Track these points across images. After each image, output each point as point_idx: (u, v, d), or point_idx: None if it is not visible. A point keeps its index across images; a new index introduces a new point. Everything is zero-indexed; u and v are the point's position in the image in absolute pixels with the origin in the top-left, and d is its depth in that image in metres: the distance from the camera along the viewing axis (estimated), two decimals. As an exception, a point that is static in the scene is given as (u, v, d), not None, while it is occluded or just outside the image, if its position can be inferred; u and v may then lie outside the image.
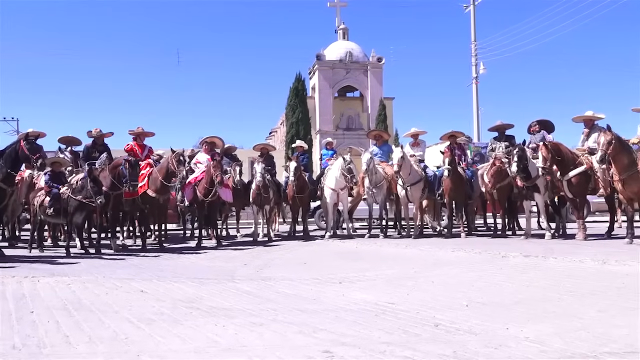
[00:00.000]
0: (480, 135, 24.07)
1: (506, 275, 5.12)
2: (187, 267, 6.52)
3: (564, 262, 5.90)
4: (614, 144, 7.44)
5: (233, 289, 4.66)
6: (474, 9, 26.22)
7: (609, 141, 7.44)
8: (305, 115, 29.79)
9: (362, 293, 4.31)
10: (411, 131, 11.22)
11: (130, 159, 8.37)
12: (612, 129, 7.56)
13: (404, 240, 9.60)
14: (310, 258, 7.24)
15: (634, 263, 5.44)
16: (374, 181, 10.09)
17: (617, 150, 7.52)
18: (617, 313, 3.32)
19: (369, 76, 33.33)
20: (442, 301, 3.88)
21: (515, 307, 3.60)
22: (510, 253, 6.70)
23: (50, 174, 8.28)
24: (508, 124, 10.71)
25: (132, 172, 8.19)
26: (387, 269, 5.79)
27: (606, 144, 7.44)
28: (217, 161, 9.19)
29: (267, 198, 10.29)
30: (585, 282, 4.56)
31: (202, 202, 9.30)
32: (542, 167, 8.32)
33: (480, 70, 25.86)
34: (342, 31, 34.92)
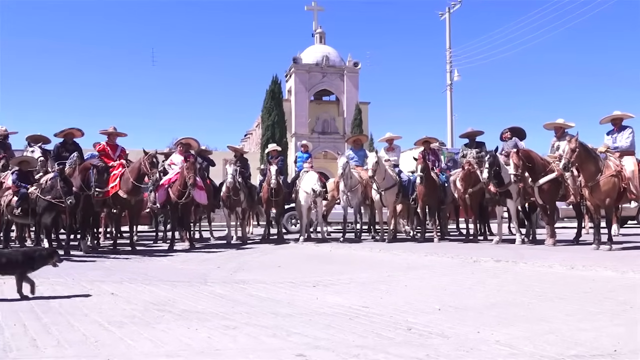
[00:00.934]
0: (453, 141, 24.42)
1: (478, 279, 5.19)
2: (159, 269, 6.43)
3: (534, 267, 6.02)
4: (578, 152, 7.64)
5: (206, 292, 4.62)
6: (449, 17, 26.65)
7: (572, 149, 7.64)
8: (281, 118, 29.77)
9: (336, 297, 4.32)
10: (386, 136, 11.33)
11: (99, 165, 8.14)
12: (578, 138, 7.78)
13: (378, 244, 9.67)
14: (284, 261, 7.22)
15: (600, 268, 5.59)
16: (349, 185, 10.14)
17: (582, 159, 7.72)
18: (584, 317, 3.40)
19: (345, 80, 33.50)
20: (415, 305, 3.91)
21: (487, 311, 3.66)
22: (482, 258, 6.81)
23: (17, 173, 8.08)
24: (479, 130, 10.91)
25: (98, 178, 7.99)
26: (361, 273, 5.82)
27: (570, 151, 7.65)
28: (191, 163, 9.10)
29: (238, 200, 10.23)
30: (554, 286, 4.66)
31: (176, 203, 9.19)
32: (513, 174, 8.49)
33: (454, 77, 26.27)
34: (319, 35, 35.05)
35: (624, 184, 7.80)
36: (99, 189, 7.98)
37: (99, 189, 7.99)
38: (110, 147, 9.74)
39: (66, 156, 9.19)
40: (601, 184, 7.74)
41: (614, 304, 3.78)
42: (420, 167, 9.61)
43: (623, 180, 7.80)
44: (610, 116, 8.64)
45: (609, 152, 8.24)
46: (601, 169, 7.79)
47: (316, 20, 35.36)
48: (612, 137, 8.55)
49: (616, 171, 7.78)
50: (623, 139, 8.40)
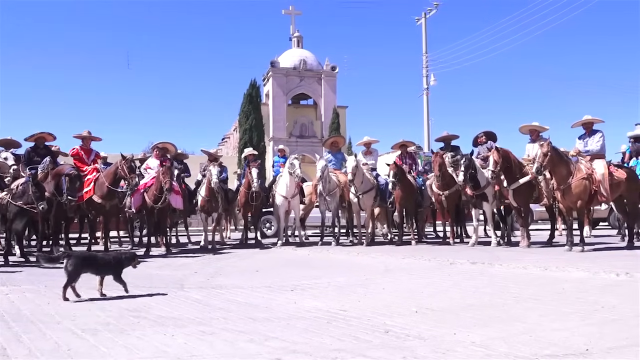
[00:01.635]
0: (430, 144, 24.66)
1: (454, 281, 5.25)
2: (135, 275, 6.30)
3: (509, 268, 6.11)
4: (550, 156, 7.80)
5: (182, 298, 4.57)
6: (426, 22, 26.95)
7: (545, 153, 7.81)
8: (258, 121, 29.71)
9: (313, 300, 4.32)
10: (364, 140, 11.38)
11: (72, 173, 7.96)
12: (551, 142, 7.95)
13: (355, 248, 9.70)
14: (261, 266, 7.19)
15: (572, 269, 5.71)
16: (327, 189, 10.15)
17: (554, 162, 7.88)
18: (557, 317, 3.47)
19: (322, 84, 33.62)
20: (392, 307, 3.93)
21: (463, 313, 3.70)
22: (458, 260, 6.88)
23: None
24: (453, 134, 11.05)
25: (70, 186, 7.82)
26: (339, 277, 5.83)
27: (542, 155, 7.81)
28: (167, 167, 9.01)
29: (217, 204, 10.14)
30: (528, 287, 4.74)
31: (152, 208, 9.08)
32: (492, 171, 8.58)
33: (431, 81, 26.54)
34: (296, 39, 35.11)
35: (595, 186, 7.97)
36: (70, 197, 7.81)
37: (71, 197, 7.82)
38: (84, 152, 9.58)
39: (38, 160, 9.00)
40: (573, 186, 7.91)
41: (586, 304, 3.86)
42: (392, 173, 9.68)
43: (594, 183, 7.97)
44: (581, 121, 8.84)
45: (580, 155, 8.43)
46: (572, 172, 7.96)
47: (294, 24, 35.47)
48: (583, 141, 8.74)
49: (587, 174, 7.95)
50: (594, 143, 8.59)
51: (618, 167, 8.70)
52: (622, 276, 5.13)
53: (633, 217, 9.02)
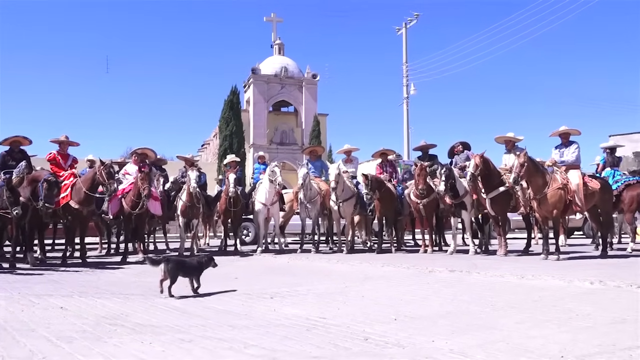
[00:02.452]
0: (409, 153, 24.87)
1: (433, 289, 5.29)
2: (112, 282, 6.25)
3: (486, 276, 6.18)
4: (527, 166, 7.95)
5: (160, 305, 4.51)
6: (406, 32, 27.24)
7: (521, 163, 7.95)
8: (239, 128, 29.60)
9: (293, 308, 4.31)
10: (344, 148, 11.44)
11: (50, 179, 7.80)
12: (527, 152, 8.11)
13: (335, 256, 9.71)
14: (241, 273, 7.14)
15: (548, 278, 5.80)
16: (308, 196, 10.15)
17: (530, 172, 8.03)
18: (533, 325, 3.52)
19: (303, 92, 33.68)
20: (371, 315, 3.95)
21: (441, 320, 3.73)
22: (437, 268, 6.94)
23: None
24: (431, 144, 11.18)
25: (48, 193, 7.64)
26: (319, 284, 5.83)
27: (519, 166, 7.96)
28: (146, 173, 8.91)
29: (198, 210, 10.05)
30: (505, 295, 4.80)
31: (129, 214, 8.97)
32: (471, 173, 8.65)
33: (410, 90, 26.80)
34: (277, 46, 35.14)
35: (570, 196, 8.14)
36: (47, 204, 7.62)
37: (48, 204, 7.63)
38: (61, 157, 9.42)
39: (13, 165, 8.80)
40: (548, 196, 8.06)
41: (561, 312, 3.93)
42: (365, 185, 9.73)
43: (569, 193, 8.14)
44: (558, 131, 9.02)
45: (556, 165, 8.59)
46: (548, 182, 8.12)
47: (275, 31, 35.49)
48: (559, 152, 8.91)
49: (562, 184, 8.11)
50: (569, 154, 8.77)
51: (592, 178, 8.90)
52: (596, 284, 5.24)
53: (606, 226, 9.22)
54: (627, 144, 28.78)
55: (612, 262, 7.74)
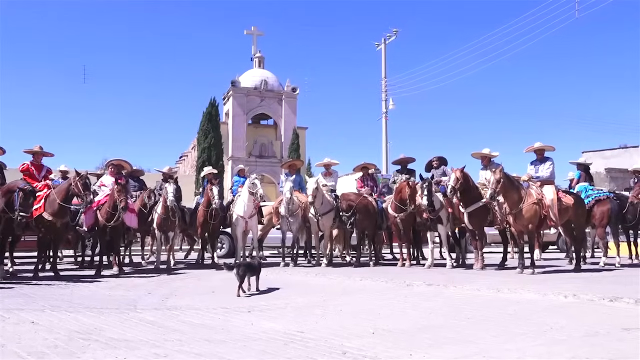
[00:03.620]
0: (388, 167, 25.05)
1: (410, 303, 5.31)
2: (85, 296, 6.12)
3: (463, 290, 6.23)
4: (503, 182, 8.09)
5: (135, 319, 4.44)
6: (385, 48, 27.57)
7: (497, 180, 8.10)
8: (217, 140, 29.47)
9: (271, 322, 4.28)
10: (324, 161, 11.46)
11: (26, 188, 7.64)
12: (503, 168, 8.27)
13: (313, 269, 9.68)
14: (218, 286, 7.07)
15: (523, 291, 5.88)
16: (290, 210, 10.13)
17: (506, 188, 8.17)
18: (509, 338, 3.56)
19: (283, 105, 33.77)
20: (349, 329, 3.94)
21: (419, 334, 3.75)
22: (414, 282, 6.97)
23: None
24: (410, 157, 11.27)
25: (24, 202, 7.47)
26: (297, 298, 5.80)
27: (495, 182, 8.10)
28: (122, 185, 8.79)
29: (174, 223, 9.94)
30: (482, 309, 4.85)
31: (104, 227, 8.82)
32: (452, 186, 8.75)
33: (389, 105, 27.04)
34: (258, 59, 35.25)
35: (545, 211, 8.28)
36: (23, 214, 7.46)
37: (23, 214, 7.47)
38: (35, 167, 9.22)
39: (-16, 176, 8.61)
40: (524, 211, 8.19)
41: (536, 325, 3.98)
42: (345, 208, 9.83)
43: (544, 208, 8.28)
44: (533, 147, 9.20)
45: (531, 181, 8.75)
46: (524, 197, 8.25)
47: (255, 44, 35.62)
48: (534, 167, 9.09)
49: (537, 199, 8.26)
50: (544, 169, 8.94)
51: (566, 193, 9.08)
52: (570, 298, 5.33)
53: (580, 240, 9.40)
54: (599, 161, 29.54)
55: (585, 276, 7.88)
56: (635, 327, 3.82)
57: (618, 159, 32.31)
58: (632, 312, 4.51)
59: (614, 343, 3.38)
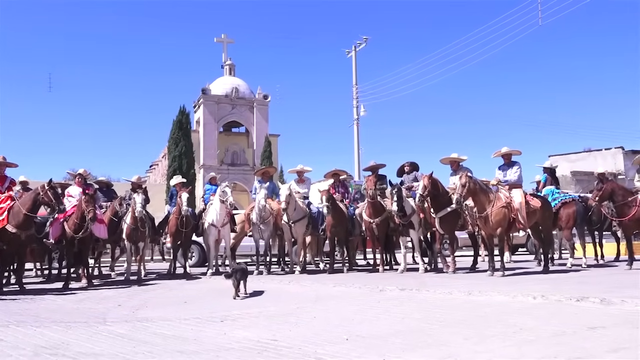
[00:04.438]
0: (360, 173, 25.21)
1: (384, 308, 5.34)
2: (52, 310, 5.96)
3: (435, 294, 6.30)
4: (468, 186, 8.24)
5: (105, 332, 4.34)
6: (355, 55, 27.82)
7: (462, 184, 8.25)
8: (188, 149, 29.14)
9: (244, 331, 4.25)
10: (297, 168, 11.45)
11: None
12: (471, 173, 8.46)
13: (287, 276, 9.65)
14: (190, 296, 6.99)
15: (494, 293, 5.98)
16: (262, 217, 10.08)
17: (474, 192, 8.31)
18: (480, 340, 3.62)
19: (254, 112, 33.65)
20: (323, 336, 3.94)
21: (392, 339, 3.77)
22: (387, 287, 7.01)
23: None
24: (381, 164, 11.36)
25: None
26: (270, 306, 5.77)
27: (461, 187, 8.25)
28: (90, 196, 8.62)
29: (143, 233, 9.79)
30: (453, 312, 4.91)
31: (72, 238, 8.61)
32: (420, 194, 8.87)
33: (361, 112, 27.26)
34: (228, 67, 35.07)
35: (513, 214, 8.45)
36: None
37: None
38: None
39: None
40: (493, 214, 8.34)
41: (506, 327, 4.05)
42: (324, 198, 9.79)
43: (512, 211, 8.45)
44: (500, 152, 9.39)
45: (500, 185, 8.92)
46: (493, 201, 8.41)
47: (226, 52, 35.44)
48: (502, 172, 9.27)
49: (506, 203, 8.42)
50: (512, 174, 9.13)
51: (534, 196, 9.29)
52: (539, 299, 5.44)
53: (547, 242, 9.62)
54: (565, 164, 30.34)
55: (553, 277, 8.06)
56: (601, 326, 3.93)
57: (583, 162, 33.26)
58: (597, 312, 4.63)
59: (580, 342, 3.47)
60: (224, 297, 6.94)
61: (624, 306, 4.80)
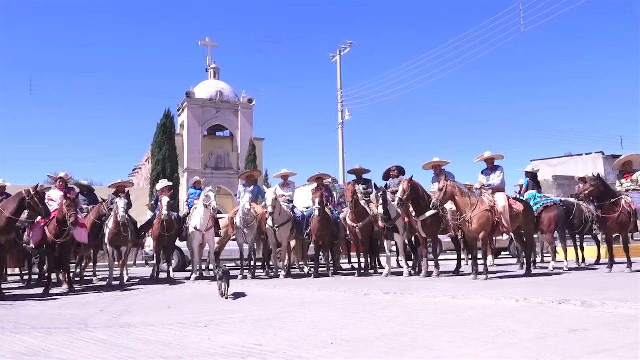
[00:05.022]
0: (344, 177, 25.22)
1: (368, 312, 5.35)
2: (33, 316, 5.86)
3: (420, 297, 6.33)
4: (446, 190, 8.33)
5: (86, 338, 4.28)
6: (340, 59, 27.89)
7: (440, 189, 8.34)
8: (172, 152, 28.98)
9: (228, 336, 4.22)
10: (282, 172, 11.44)
11: None
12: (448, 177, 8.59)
13: (272, 281, 9.62)
14: (174, 301, 6.92)
15: (477, 297, 6.02)
16: (246, 221, 10.03)
17: (450, 196, 8.39)
18: (464, 343, 3.64)
19: (239, 116, 33.58)
20: (308, 340, 3.93)
21: (377, 342, 3.77)
22: (372, 291, 7.03)
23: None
24: (365, 169, 11.40)
25: None
26: (255, 310, 5.74)
27: (438, 191, 8.34)
28: (72, 200, 8.50)
29: (126, 238, 9.68)
30: (438, 315, 4.93)
31: (53, 243, 8.49)
32: (399, 198, 8.93)
33: (345, 116, 27.32)
34: (213, 70, 34.98)
35: (497, 218, 8.54)
36: None
37: None
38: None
39: None
40: (477, 218, 8.41)
41: (489, 330, 4.08)
42: (317, 200, 9.81)
43: (496, 214, 8.54)
44: (483, 156, 9.49)
45: (483, 189, 9.01)
46: (476, 204, 8.48)
47: (210, 55, 35.36)
48: (486, 176, 9.37)
49: (490, 207, 8.50)
50: (495, 178, 9.23)
51: (516, 200, 9.40)
52: (521, 302, 5.49)
53: (530, 246, 9.73)
54: (546, 168, 30.76)
55: (535, 280, 8.15)
56: (582, 329, 3.98)
57: (564, 167, 33.77)
58: (579, 314, 4.69)
59: (562, 344, 3.51)
60: (208, 301, 6.89)
61: (605, 309, 4.87)
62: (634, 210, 8.79)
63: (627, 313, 4.61)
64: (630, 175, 9.30)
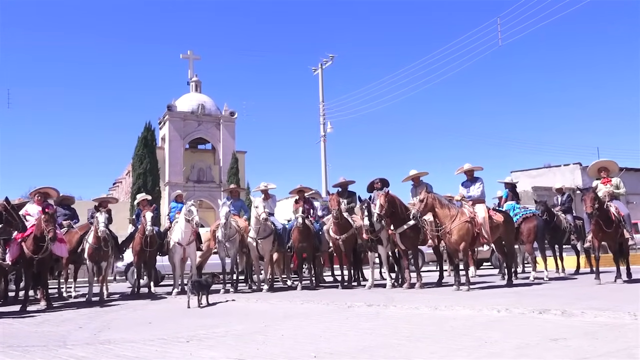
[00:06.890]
0: (328, 190, 25.25)
1: (352, 324, 5.34)
2: (9, 334, 5.72)
3: (403, 309, 6.34)
4: (426, 202, 8.41)
5: (65, 356, 4.20)
6: (322, 72, 28.10)
7: (420, 200, 8.42)
8: (154, 165, 28.73)
9: (210, 351, 4.17)
10: (260, 186, 11.40)
11: None
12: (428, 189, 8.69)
13: (254, 294, 9.55)
14: (155, 317, 6.82)
15: (460, 308, 6.06)
16: (227, 235, 9.97)
17: (430, 208, 8.46)
18: (446, 354, 3.65)
19: (221, 129, 33.52)
20: (291, 354, 3.91)
21: (360, 355, 3.77)
22: (355, 303, 7.02)
23: None
24: (350, 180, 11.43)
25: None
26: (237, 325, 5.69)
27: (419, 202, 8.42)
28: (50, 214, 8.35)
29: (106, 253, 9.54)
30: (420, 327, 4.95)
31: (31, 259, 8.32)
32: (377, 213, 8.98)
33: (327, 129, 27.46)
34: (194, 83, 34.92)
35: (477, 229, 8.62)
36: None
37: None
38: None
39: None
40: (457, 229, 8.48)
41: (471, 340, 4.11)
42: (301, 209, 9.82)
43: (476, 225, 8.62)
44: (462, 169, 9.60)
45: (464, 200, 9.10)
46: (456, 216, 8.55)
47: (192, 68, 35.32)
48: (466, 188, 9.47)
49: (470, 218, 8.59)
50: (475, 189, 9.34)
51: (496, 211, 9.50)
52: (503, 312, 5.54)
53: (510, 256, 9.83)
54: (525, 179, 31.17)
55: (517, 290, 8.23)
56: (563, 338, 4.02)
57: (543, 178, 34.22)
58: (559, 323, 4.75)
59: (543, 353, 3.55)
60: (190, 316, 6.81)
61: (584, 317, 4.94)
62: (622, 216, 8.86)
63: (606, 322, 4.68)
64: (609, 180, 9.42)
